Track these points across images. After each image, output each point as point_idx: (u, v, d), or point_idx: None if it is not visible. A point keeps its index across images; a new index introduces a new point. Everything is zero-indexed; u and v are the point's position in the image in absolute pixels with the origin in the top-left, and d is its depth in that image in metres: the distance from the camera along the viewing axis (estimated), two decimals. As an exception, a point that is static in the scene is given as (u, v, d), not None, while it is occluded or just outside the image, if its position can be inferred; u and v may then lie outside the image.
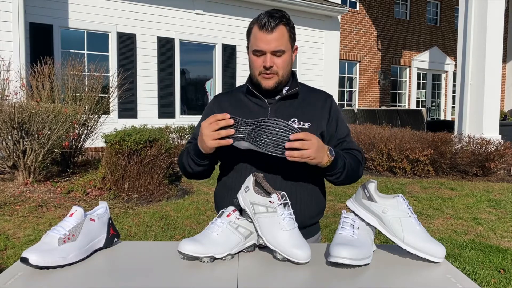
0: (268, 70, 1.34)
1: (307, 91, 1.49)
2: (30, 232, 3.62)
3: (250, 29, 1.37)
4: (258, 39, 1.33)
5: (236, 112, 1.42)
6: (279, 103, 1.42)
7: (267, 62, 1.33)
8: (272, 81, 1.37)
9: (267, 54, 1.33)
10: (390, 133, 7.10)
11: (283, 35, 1.33)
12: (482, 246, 3.51)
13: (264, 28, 1.31)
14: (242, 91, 1.49)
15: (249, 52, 1.39)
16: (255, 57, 1.36)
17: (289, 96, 1.43)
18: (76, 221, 1.11)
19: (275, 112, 1.41)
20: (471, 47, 7.55)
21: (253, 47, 1.35)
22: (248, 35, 1.39)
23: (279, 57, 1.35)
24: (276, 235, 1.09)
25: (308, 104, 1.45)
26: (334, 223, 4.00)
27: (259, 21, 1.33)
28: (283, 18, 1.33)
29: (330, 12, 10.54)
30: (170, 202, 4.73)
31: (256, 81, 1.39)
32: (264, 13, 1.34)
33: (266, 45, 1.32)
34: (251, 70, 1.41)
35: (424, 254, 1.09)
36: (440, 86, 16.02)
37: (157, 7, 8.36)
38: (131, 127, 5.25)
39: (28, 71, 6.07)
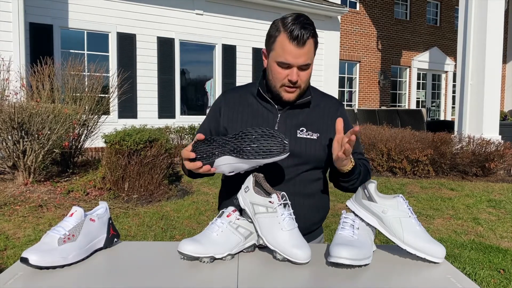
0: (293, 84, 1.28)
1: (318, 98, 1.43)
2: (30, 232, 3.62)
3: (275, 36, 1.25)
4: (287, 51, 1.22)
5: (243, 113, 1.39)
6: (289, 111, 1.37)
7: (294, 76, 1.26)
8: (294, 94, 1.31)
9: (293, 68, 1.25)
10: (390, 133, 7.10)
11: (311, 48, 1.26)
12: (482, 246, 3.51)
13: (296, 41, 1.21)
14: (252, 92, 1.42)
15: (271, 61, 1.29)
16: (280, 69, 1.27)
17: (300, 105, 1.37)
18: (76, 221, 1.11)
19: (285, 119, 1.36)
20: (471, 47, 7.55)
21: (280, 58, 1.25)
22: (273, 41, 1.27)
23: (305, 71, 1.28)
24: (276, 235, 1.09)
25: (318, 113, 1.40)
26: (334, 223, 4.00)
27: (289, 31, 1.21)
28: (313, 30, 1.24)
29: (330, 13, 10.54)
30: (170, 202, 4.73)
31: (276, 92, 1.32)
32: (293, 20, 1.22)
33: (295, 60, 1.23)
34: (271, 79, 1.32)
35: (424, 254, 1.09)
36: (440, 86, 16.02)
37: (157, 7, 8.36)
38: (131, 127, 5.25)
39: (28, 71, 6.07)
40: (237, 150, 1.13)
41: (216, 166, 1.17)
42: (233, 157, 1.14)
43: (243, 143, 1.12)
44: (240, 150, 1.12)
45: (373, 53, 14.04)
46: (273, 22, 1.30)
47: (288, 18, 1.24)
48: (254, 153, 1.11)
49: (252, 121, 1.37)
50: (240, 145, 1.12)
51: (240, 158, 1.12)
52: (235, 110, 1.41)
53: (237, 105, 1.41)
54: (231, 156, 1.14)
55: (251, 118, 1.38)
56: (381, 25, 14.12)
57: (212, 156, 1.16)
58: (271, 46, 1.28)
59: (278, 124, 1.36)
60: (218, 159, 1.16)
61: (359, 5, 13.63)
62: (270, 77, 1.33)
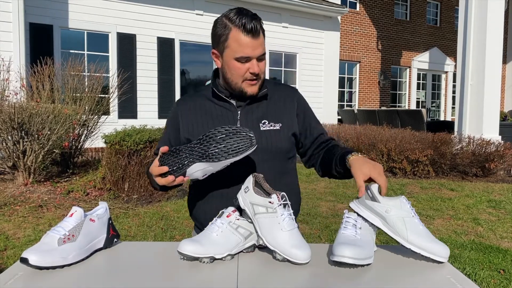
0: (256, 76, 1.29)
1: (273, 89, 1.43)
2: (30, 232, 3.62)
3: (226, 34, 1.24)
4: (244, 45, 1.23)
5: (203, 118, 1.38)
6: (248, 107, 1.38)
7: (255, 68, 1.26)
8: (256, 86, 1.32)
9: (253, 60, 1.26)
10: (390, 134, 7.10)
11: (263, 37, 1.29)
12: (482, 246, 3.51)
13: (250, 33, 1.22)
14: (206, 96, 1.41)
15: (228, 59, 1.27)
16: (239, 64, 1.26)
17: (258, 98, 1.38)
18: (76, 222, 1.11)
19: (245, 115, 1.36)
20: (471, 47, 7.55)
21: (238, 54, 1.24)
22: (224, 39, 1.26)
23: (262, 61, 1.30)
24: (276, 236, 1.09)
25: (276, 103, 1.41)
26: (334, 224, 4.00)
27: (241, 25, 1.22)
28: (261, 20, 1.28)
29: (330, 13, 10.54)
30: (170, 203, 4.72)
31: (238, 88, 1.31)
32: (239, 14, 1.23)
33: (253, 52, 1.24)
34: (230, 77, 1.31)
35: (428, 253, 1.09)
36: (440, 87, 16.02)
37: (157, 7, 8.37)
38: (131, 128, 5.25)
39: (28, 71, 6.07)
40: (205, 155, 1.12)
41: (188, 174, 1.15)
42: (203, 163, 1.13)
43: (210, 147, 1.11)
44: (208, 155, 1.11)
45: (373, 54, 14.04)
46: (216, 22, 1.29)
47: (231, 14, 1.25)
48: (223, 153, 1.11)
49: (212, 124, 1.36)
50: (207, 149, 1.11)
51: (210, 162, 1.12)
52: (193, 117, 1.39)
53: (194, 113, 1.40)
54: (201, 162, 1.13)
55: (211, 122, 1.36)
56: (381, 25, 14.13)
57: (182, 167, 1.14)
58: (224, 45, 1.27)
59: (239, 121, 1.36)
60: (189, 168, 1.14)
61: (359, 5, 13.63)
62: (229, 75, 1.31)
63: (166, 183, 1.16)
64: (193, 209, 1.45)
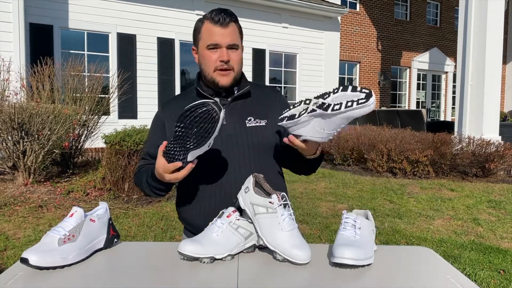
0: (226, 64, 1.32)
1: (256, 89, 1.47)
2: (30, 232, 3.62)
3: (200, 27, 1.35)
4: (213, 33, 1.31)
5: None
6: (232, 104, 1.40)
7: (224, 55, 1.31)
8: (228, 77, 1.35)
9: (223, 48, 1.32)
10: (390, 134, 7.10)
11: (235, 31, 1.35)
12: (482, 247, 3.51)
13: (218, 22, 1.30)
14: (192, 97, 1.43)
15: (201, 50, 1.35)
16: (210, 52, 1.33)
17: (241, 96, 1.41)
18: (76, 222, 1.11)
19: (231, 112, 1.38)
20: (471, 48, 7.55)
21: (208, 41, 1.32)
22: (197, 32, 1.36)
23: (234, 52, 1.34)
24: (276, 236, 1.09)
25: (260, 101, 1.44)
26: (334, 224, 4.00)
27: (211, 17, 1.32)
28: (233, 15, 1.34)
29: (330, 13, 10.54)
30: (170, 203, 4.72)
31: (211, 79, 1.35)
32: (214, 10, 1.34)
33: (222, 39, 1.31)
34: (204, 68, 1.36)
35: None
36: (440, 87, 16.02)
37: (157, 7, 8.37)
38: (131, 128, 5.25)
39: (28, 71, 6.07)
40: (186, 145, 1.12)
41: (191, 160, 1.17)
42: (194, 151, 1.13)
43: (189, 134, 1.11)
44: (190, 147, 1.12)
45: (373, 54, 14.05)
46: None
47: (207, 12, 1.36)
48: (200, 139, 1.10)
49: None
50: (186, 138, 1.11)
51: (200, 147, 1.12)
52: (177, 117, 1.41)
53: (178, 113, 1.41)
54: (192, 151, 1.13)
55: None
56: (381, 25, 14.13)
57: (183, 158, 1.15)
58: (198, 37, 1.37)
59: (224, 119, 1.36)
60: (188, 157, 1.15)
61: (359, 6, 13.64)
62: (203, 67, 1.36)
63: (181, 176, 1.16)
64: (181, 211, 1.45)
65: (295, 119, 1.11)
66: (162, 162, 1.17)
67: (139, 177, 1.39)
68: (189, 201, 1.39)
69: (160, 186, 1.28)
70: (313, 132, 1.11)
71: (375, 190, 5.63)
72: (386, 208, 4.74)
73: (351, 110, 1.01)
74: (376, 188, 5.76)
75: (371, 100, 1.00)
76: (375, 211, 4.59)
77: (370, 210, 3.91)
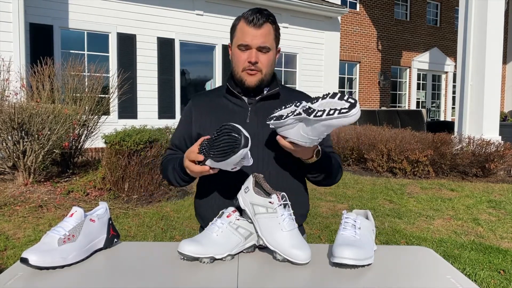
0: (253, 65, 1.32)
1: (287, 93, 1.47)
2: (30, 232, 3.62)
3: (235, 25, 1.36)
4: (245, 33, 1.31)
5: (214, 114, 1.40)
6: (260, 104, 1.40)
7: (252, 57, 1.31)
8: (255, 78, 1.34)
9: (252, 50, 1.32)
10: (390, 134, 7.10)
11: (269, 32, 1.33)
12: (482, 247, 3.51)
13: (252, 23, 1.30)
14: (222, 93, 1.45)
15: (233, 48, 1.37)
16: (240, 52, 1.33)
17: (270, 97, 1.41)
18: (76, 222, 1.11)
19: (256, 112, 1.38)
20: (471, 48, 7.55)
21: (239, 41, 1.33)
22: (233, 30, 1.37)
23: (264, 54, 1.33)
24: (276, 236, 1.09)
25: (287, 103, 1.41)
26: (334, 224, 4.00)
27: (246, 17, 1.31)
28: (271, 17, 1.34)
29: (330, 13, 10.54)
30: (170, 203, 4.72)
31: (239, 78, 1.36)
32: (251, 9, 1.33)
33: (252, 40, 1.30)
34: (234, 66, 1.37)
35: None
36: (440, 87, 16.02)
37: (157, 7, 8.37)
38: (131, 128, 5.25)
39: (28, 71, 6.07)
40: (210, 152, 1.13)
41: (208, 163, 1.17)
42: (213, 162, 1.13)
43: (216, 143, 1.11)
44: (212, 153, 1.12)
45: (373, 54, 14.04)
46: None
47: (247, 11, 1.35)
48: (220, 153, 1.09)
49: (223, 120, 1.35)
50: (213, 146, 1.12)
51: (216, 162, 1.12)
52: (206, 114, 1.42)
53: (208, 109, 1.43)
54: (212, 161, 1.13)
55: (223, 117, 1.38)
56: (381, 25, 14.13)
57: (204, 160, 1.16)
58: (233, 35, 1.37)
59: (249, 117, 1.38)
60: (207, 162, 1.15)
61: (359, 6, 13.63)
62: (233, 65, 1.38)
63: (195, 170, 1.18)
64: (198, 206, 1.45)
65: (281, 120, 1.13)
66: (193, 148, 1.19)
67: (165, 165, 1.42)
68: (206, 197, 1.39)
69: (184, 176, 1.31)
70: (297, 135, 1.12)
71: (375, 190, 5.63)
72: (386, 208, 4.74)
73: (331, 119, 1.00)
74: (376, 188, 5.76)
75: (353, 111, 0.98)
76: (375, 211, 4.59)
77: (370, 210, 3.90)
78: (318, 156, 1.26)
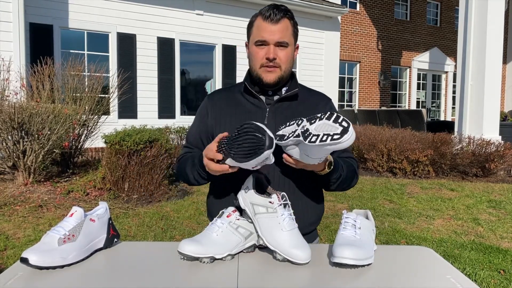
0: (271, 62, 1.29)
1: (306, 93, 1.44)
2: (30, 232, 3.62)
3: (252, 22, 1.34)
4: (262, 29, 1.29)
5: (231, 112, 1.38)
6: (278, 105, 1.37)
7: (271, 53, 1.28)
8: (274, 74, 1.31)
9: (270, 46, 1.29)
10: (390, 134, 7.10)
11: (287, 28, 1.31)
12: (482, 247, 3.51)
13: (269, 18, 1.28)
14: (239, 90, 1.42)
15: (251, 45, 1.34)
16: (258, 49, 1.31)
17: (288, 98, 1.38)
18: (76, 222, 1.11)
19: (274, 113, 1.35)
20: (471, 47, 7.55)
21: (256, 38, 1.30)
22: (250, 27, 1.35)
23: (283, 50, 1.30)
24: (276, 236, 1.09)
25: (307, 106, 1.40)
26: (334, 224, 4.00)
27: (263, 13, 1.29)
28: (288, 12, 1.31)
29: (330, 13, 10.54)
30: (170, 203, 4.72)
31: (257, 75, 1.33)
32: (268, 6, 1.31)
33: (270, 36, 1.28)
34: (251, 64, 1.35)
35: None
36: (440, 87, 16.02)
37: (157, 7, 8.36)
38: (131, 128, 5.24)
39: (28, 71, 6.07)
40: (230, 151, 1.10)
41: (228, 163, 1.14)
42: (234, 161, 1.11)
43: (236, 142, 1.09)
44: (231, 151, 1.09)
45: (373, 54, 14.04)
46: None
47: (264, 7, 1.32)
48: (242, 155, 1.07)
49: (239, 120, 1.35)
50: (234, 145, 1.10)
51: (236, 162, 1.09)
52: (223, 111, 1.40)
53: (224, 106, 1.41)
54: (232, 160, 1.11)
55: (239, 117, 1.36)
56: (381, 25, 14.12)
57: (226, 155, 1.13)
58: (249, 32, 1.35)
59: (267, 118, 1.35)
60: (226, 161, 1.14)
61: (359, 6, 13.63)
62: (251, 63, 1.35)
63: (212, 167, 1.16)
64: (210, 205, 1.44)
65: (283, 141, 1.13)
66: (211, 146, 1.17)
67: (182, 164, 1.38)
68: (219, 197, 1.38)
69: (203, 173, 1.27)
70: (300, 155, 1.12)
71: (375, 190, 5.63)
72: (386, 208, 4.74)
73: (324, 145, 1.00)
74: (376, 188, 5.75)
75: (345, 137, 0.98)
76: (375, 211, 4.59)
77: (370, 210, 3.90)
78: (330, 168, 1.23)
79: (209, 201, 1.46)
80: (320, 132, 1.02)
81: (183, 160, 1.40)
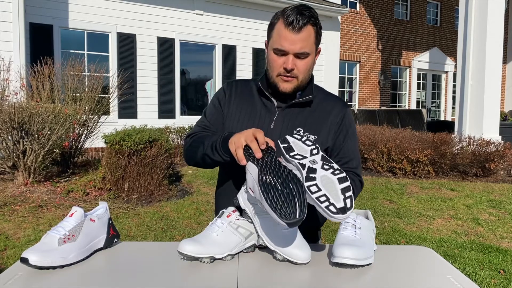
0: (289, 73, 1.23)
1: (321, 98, 1.36)
2: (30, 232, 3.62)
3: (274, 24, 1.24)
4: (282, 37, 1.20)
5: (243, 110, 1.35)
6: (288, 110, 1.32)
7: (289, 64, 1.21)
8: (290, 84, 1.26)
9: (289, 55, 1.21)
10: (390, 134, 7.10)
11: (310, 36, 1.21)
12: (482, 246, 3.51)
13: (291, 26, 1.18)
14: (255, 86, 1.37)
15: (269, 49, 1.26)
16: (276, 56, 1.23)
17: (301, 103, 1.32)
18: (76, 222, 1.11)
19: (283, 118, 1.31)
20: (471, 47, 7.55)
21: (275, 45, 1.22)
22: (270, 30, 1.26)
23: (302, 60, 1.23)
24: (276, 236, 1.09)
25: (319, 114, 1.33)
26: (334, 223, 4.00)
27: (285, 17, 1.19)
28: (312, 17, 1.21)
29: (330, 13, 10.54)
30: (170, 203, 4.72)
31: (273, 82, 1.28)
32: (292, 8, 1.21)
33: (290, 46, 1.20)
34: (269, 69, 1.28)
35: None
36: (440, 87, 16.02)
37: (157, 7, 8.36)
38: (131, 128, 5.24)
39: (28, 71, 6.07)
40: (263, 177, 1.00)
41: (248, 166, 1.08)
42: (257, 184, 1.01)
43: (270, 168, 1.00)
44: (266, 179, 0.99)
45: (373, 53, 14.04)
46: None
47: (289, 6, 1.23)
48: (270, 204, 0.96)
49: (248, 120, 1.33)
50: (264, 173, 1.00)
51: (260, 187, 0.99)
52: (240, 102, 1.36)
53: (244, 97, 1.37)
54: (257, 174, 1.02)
55: (248, 116, 1.34)
56: (381, 25, 14.12)
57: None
58: (270, 34, 1.27)
59: (274, 122, 1.32)
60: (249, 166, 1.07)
61: (359, 5, 13.63)
62: (268, 67, 1.29)
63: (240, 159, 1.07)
64: (218, 202, 1.43)
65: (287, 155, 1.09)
66: (264, 138, 1.09)
67: (197, 140, 1.28)
68: (227, 195, 1.37)
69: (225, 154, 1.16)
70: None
71: (375, 189, 5.63)
72: (386, 208, 4.74)
73: (317, 205, 0.99)
74: (376, 187, 5.75)
75: (338, 216, 0.96)
76: (375, 211, 4.59)
77: (370, 210, 3.90)
78: None
79: (217, 200, 1.45)
80: (322, 187, 0.99)
81: (201, 136, 1.30)
